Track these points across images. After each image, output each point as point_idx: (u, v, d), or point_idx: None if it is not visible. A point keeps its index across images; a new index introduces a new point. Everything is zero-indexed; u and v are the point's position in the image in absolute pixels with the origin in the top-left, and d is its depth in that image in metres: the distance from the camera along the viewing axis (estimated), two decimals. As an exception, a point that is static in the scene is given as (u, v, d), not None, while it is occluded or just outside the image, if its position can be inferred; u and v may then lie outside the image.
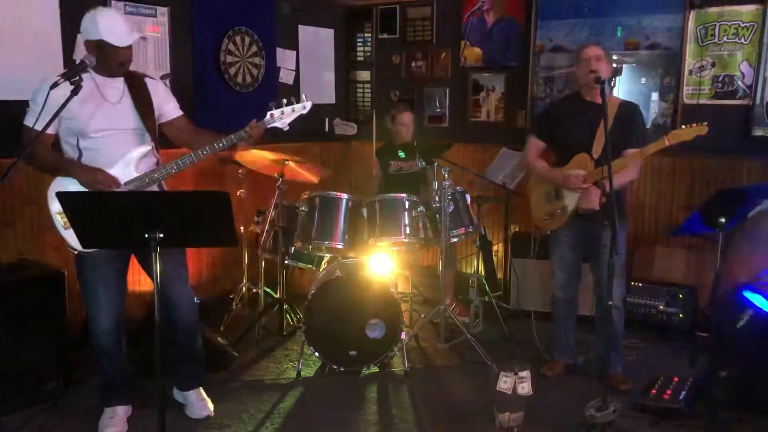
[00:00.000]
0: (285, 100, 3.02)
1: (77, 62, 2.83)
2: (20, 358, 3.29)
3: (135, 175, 2.96)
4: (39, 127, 2.68)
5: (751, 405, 3.29)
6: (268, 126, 3.03)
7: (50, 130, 2.87)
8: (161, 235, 2.41)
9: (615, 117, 3.41)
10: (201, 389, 3.39)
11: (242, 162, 4.22)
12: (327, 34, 5.85)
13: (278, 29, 5.28)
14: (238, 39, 4.94)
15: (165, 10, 4.42)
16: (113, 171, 2.93)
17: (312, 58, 5.66)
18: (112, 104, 2.98)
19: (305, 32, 5.59)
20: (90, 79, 2.92)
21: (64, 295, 3.45)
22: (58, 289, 3.43)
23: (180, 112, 3.26)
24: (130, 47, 2.93)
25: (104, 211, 2.48)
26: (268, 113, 3.02)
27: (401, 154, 4.74)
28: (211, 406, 3.37)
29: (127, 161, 2.96)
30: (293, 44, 5.48)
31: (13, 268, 3.50)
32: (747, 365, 3.40)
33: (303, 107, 3.05)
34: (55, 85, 2.67)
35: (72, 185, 2.88)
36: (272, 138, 3.35)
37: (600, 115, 3.37)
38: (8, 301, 3.26)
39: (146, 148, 3.03)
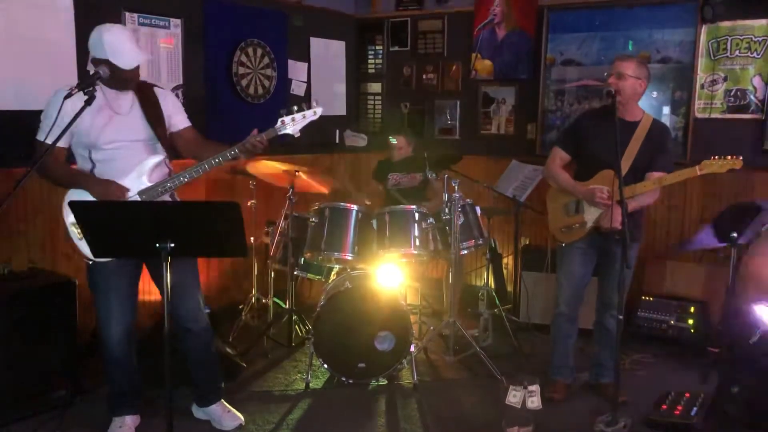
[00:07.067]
0: (296, 107, 3.02)
1: (91, 73, 2.85)
2: (29, 366, 3.30)
3: (148, 184, 2.97)
4: (51, 140, 2.70)
5: (764, 421, 3.25)
6: (280, 132, 3.00)
7: (62, 144, 2.86)
8: (172, 245, 2.42)
9: (645, 137, 3.37)
10: (223, 401, 3.39)
11: (253, 173, 4.24)
12: (338, 47, 5.88)
13: (290, 41, 5.32)
14: (250, 51, 4.98)
15: (178, 21, 4.46)
16: (126, 181, 2.94)
17: (323, 70, 5.69)
18: (121, 116, 2.99)
19: (317, 44, 5.62)
20: (99, 92, 2.92)
21: (75, 303, 3.46)
22: (69, 297, 3.45)
23: (188, 123, 3.25)
24: (137, 66, 2.95)
25: (116, 220, 2.50)
26: (279, 120, 3.01)
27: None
28: (240, 414, 3.37)
29: (140, 171, 2.97)
30: (305, 56, 5.51)
31: (24, 276, 3.52)
32: (759, 381, 3.36)
33: (314, 113, 3.03)
34: (69, 95, 2.70)
35: (86, 198, 2.89)
36: (283, 149, 3.36)
37: (628, 133, 3.34)
38: (19, 309, 3.27)
39: (158, 158, 3.04)
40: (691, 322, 4.36)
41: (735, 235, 3.08)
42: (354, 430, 3.37)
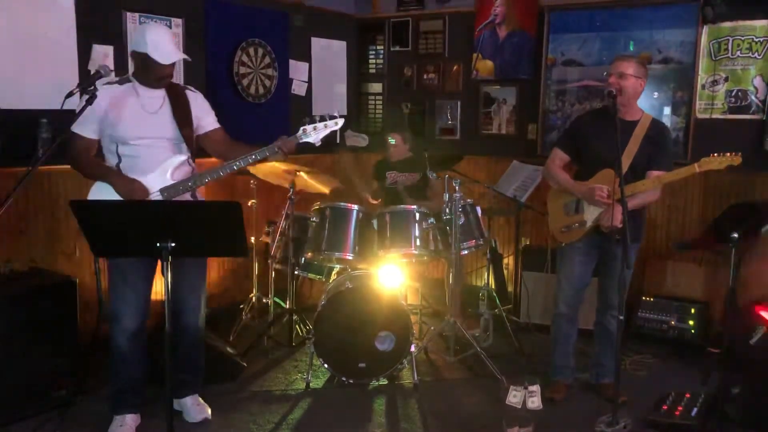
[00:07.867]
0: (318, 116, 3.14)
1: (92, 72, 2.87)
2: (31, 366, 3.30)
3: (171, 182, 3.03)
4: (79, 131, 2.95)
5: (764, 422, 3.25)
6: (301, 141, 3.14)
7: (93, 135, 3.04)
8: (173, 245, 2.42)
9: (644, 136, 3.37)
10: (197, 395, 3.41)
11: (253, 173, 4.24)
12: (339, 47, 5.88)
13: (291, 41, 5.32)
14: (251, 50, 4.98)
15: (179, 21, 4.46)
16: (150, 178, 3.01)
17: (324, 70, 5.69)
18: (151, 113, 3.06)
19: (318, 44, 5.63)
20: (131, 88, 3.04)
21: (76, 303, 3.46)
22: (70, 296, 3.44)
23: (217, 125, 3.34)
24: (172, 65, 3.05)
25: (116, 219, 2.50)
26: (301, 128, 3.14)
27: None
28: (208, 410, 3.39)
29: (164, 169, 3.03)
30: (306, 56, 5.51)
31: (25, 276, 3.52)
32: (760, 382, 3.36)
33: (335, 123, 3.18)
34: (69, 95, 2.72)
35: (110, 192, 2.96)
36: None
37: (627, 132, 3.34)
38: (20, 308, 3.27)
39: (182, 157, 3.10)
40: (691, 322, 4.36)
41: (736, 235, 3.07)
42: (354, 430, 3.37)
